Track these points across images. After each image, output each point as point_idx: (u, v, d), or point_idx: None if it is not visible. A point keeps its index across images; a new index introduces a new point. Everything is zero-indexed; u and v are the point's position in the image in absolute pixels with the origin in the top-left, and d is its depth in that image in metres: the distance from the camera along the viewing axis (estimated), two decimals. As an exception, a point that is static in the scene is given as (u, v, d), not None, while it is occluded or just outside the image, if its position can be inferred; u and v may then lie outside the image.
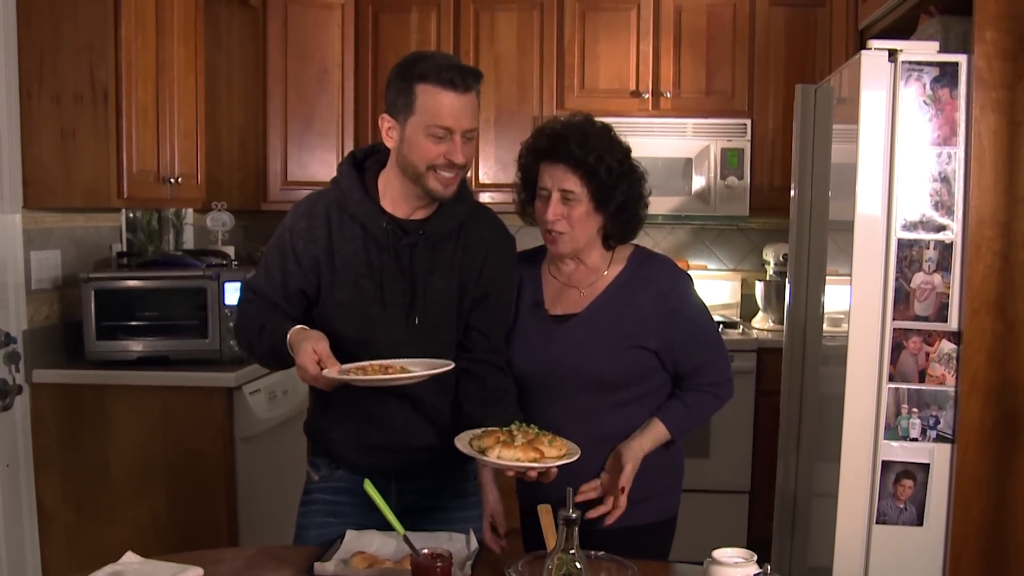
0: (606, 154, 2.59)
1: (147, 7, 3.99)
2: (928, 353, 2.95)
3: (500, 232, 2.68)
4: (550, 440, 2.31)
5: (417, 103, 2.43)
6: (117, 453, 3.96)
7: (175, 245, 5.22)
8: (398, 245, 2.53)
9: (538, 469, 2.29)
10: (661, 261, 2.76)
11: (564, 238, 2.62)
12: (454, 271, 2.57)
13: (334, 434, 2.66)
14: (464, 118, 2.43)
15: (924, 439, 2.98)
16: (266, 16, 5.38)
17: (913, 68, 2.91)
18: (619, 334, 2.62)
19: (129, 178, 3.89)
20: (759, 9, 5.44)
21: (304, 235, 2.56)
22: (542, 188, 2.63)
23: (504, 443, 2.29)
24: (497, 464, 2.29)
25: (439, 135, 2.42)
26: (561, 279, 2.74)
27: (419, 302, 2.54)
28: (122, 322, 4.07)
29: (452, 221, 2.58)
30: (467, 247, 2.59)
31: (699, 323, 2.70)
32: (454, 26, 5.58)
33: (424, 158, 2.44)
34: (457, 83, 2.40)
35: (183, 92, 4.32)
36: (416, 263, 2.54)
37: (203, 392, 3.95)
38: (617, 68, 5.53)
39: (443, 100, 2.41)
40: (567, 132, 2.61)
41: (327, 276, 2.55)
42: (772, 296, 5.49)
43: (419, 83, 2.42)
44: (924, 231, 2.94)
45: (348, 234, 2.55)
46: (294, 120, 5.50)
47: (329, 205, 2.57)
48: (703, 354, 2.68)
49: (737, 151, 5.40)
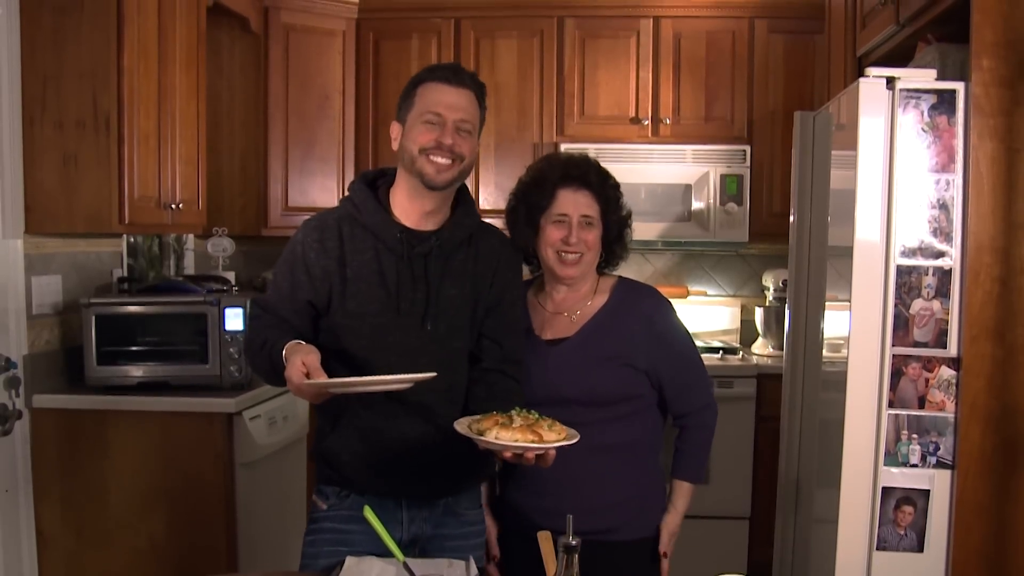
0: (615, 188, 2.85)
1: (149, 34, 4.01)
2: (928, 379, 2.95)
3: (508, 243, 2.79)
4: (549, 425, 2.34)
5: (415, 99, 2.59)
6: (117, 478, 3.95)
7: (176, 270, 5.23)
8: (412, 254, 2.59)
9: (535, 450, 2.29)
10: (647, 289, 2.93)
11: (581, 260, 2.78)
12: (466, 280, 2.64)
13: (345, 456, 2.64)
14: (456, 108, 2.57)
15: (924, 465, 2.97)
16: (267, 43, 5.39)
17: (911, 95, 2.92)
18: (611, 353, 2.75)
19: (130, 204, 3.90)
20: (758, 36, 5.46)
21: (316, 246, 2.60)
22: (561, 214, 2.77)
23: (502, 425, 2.31)
24: (494, 444, 2.29)
25: (432, 120, 2.55)
26: (550, 307, 2.87)
27: (432, 309, 2.59)
28: (123, 347, 4.06)
29: (463, 231, 2.66)
30: (479, 257, 2.68)
31: (682, 348, 2.88)
32: (454, 53, 5.60)
33: (417, 142, 2.55)
34: (450, 78, 2.58)
35: (184, 118, 4.34)
36: (430, 271, 2.60)
37: (203, 418, 3.94)
38: (617, 95, 5.55)
39: (436, 92, 2.57)
40: (587, 164, 2.83)
41: (338, 286, 2.59)
42: (772, 322, 5.48)
43: (419, 85, 2.60)
44: (923, 257, 2.94)
45: (360, 245, 2.60)
46: (295, 146, 5.51)
47: (341, 218, 2.63)
48: (686, 377, 2.85)
49: (736, 177, 5.41)
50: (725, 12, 5.48)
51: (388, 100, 5.56)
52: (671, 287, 5.84)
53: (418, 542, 2.68)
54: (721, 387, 5.10)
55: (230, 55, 5.37)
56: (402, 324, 2.57)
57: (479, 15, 5.60)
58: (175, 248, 5.24)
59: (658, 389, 2.82)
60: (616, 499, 2.76)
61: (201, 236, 5.17)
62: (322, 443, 2.70)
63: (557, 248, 2.77)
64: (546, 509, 2.69)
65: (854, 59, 3.93)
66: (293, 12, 5.44)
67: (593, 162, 2.85)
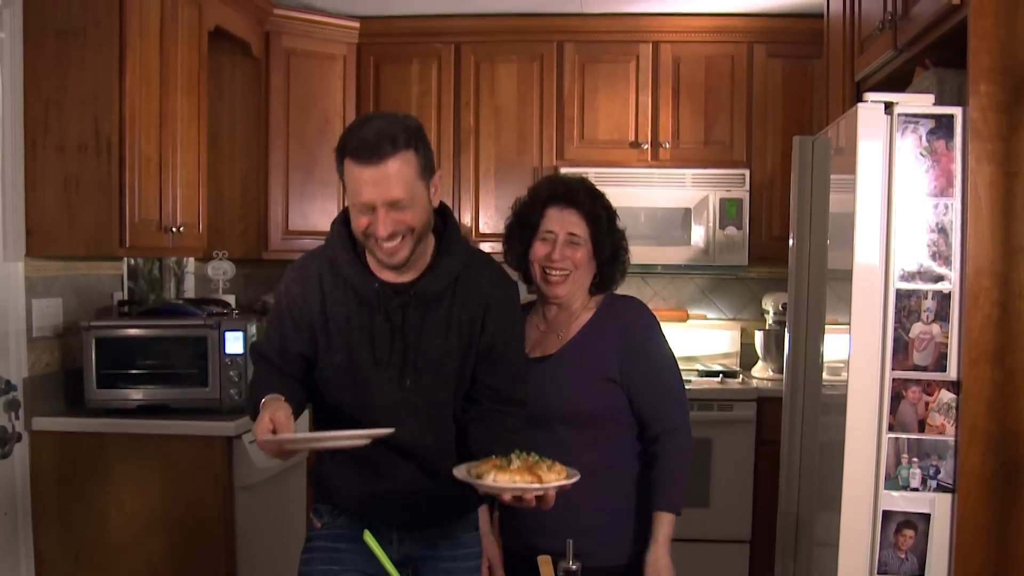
0: (606, 209, 2.87)
1: (151, 59, 4.03)
2: (927, 403, 2.94)
3: (499, 282, 2.66)
4: (549, 466, 2.31)
5: (345, 177, 2.42)
6: (116, 502, 3.94)
7: (176, 294, 5.24)
8: (389, 306, 2.52)
9: (534, 491, 2.27)
10: (629, 300, 2.94)
11: (568, 279, 2.81)
12: (452, 329, 2.55)
13: (338, 481, 2.65)
14: (383, 190, 2.36)
15: (925, 489, 2.96)
16: (268, 67, 5.41)
17: (909, 120, 2.92)
18: (590, 369, 2.78)
19: (131, 227, 3.91)
20: (757, 61, 5.49)
21: (298, 300, 2.56)
22: (548, 231, 2.81)
23: (500, 468, 2.29)
24: (492, 488, 2.27)
25: (364, 211, 2.40)
26: (542, 326, 2.91)
27: (412, 362, 2.52)
28: (122, 370, 4.06)
29: (445, 279, 2.55)
30: (466, 303, 2.57)
31: (659, 364, 2.86)
32: (454, 77, 5.62)
33: (359, 230, 2.44)
34: (369, 156, 2.35)
35: (186, 142, 4.36)
36: (408, 323, 2.52)
37: (203, 441, 3.94)
38: (616, 119, 5.57)
39: (358, 176, 2.38)
40: (576, 184, 2.87)
41: (323, 340, 2.55)
42: (771, 345, 5.49)
43: (344, 157, 2.40)
44: (922, 281, 2.94)
45: (340, 296, 2.54)
46: (295, 170, 5.52)
47: (322, 268, 2.57)
48: (660, 394, 2.83)
49: (736, 201, 5.42)
50: (724, 37, 5.51)
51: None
52: (671, 311, 5.85)
53: (410, 563, 2.68)
54: (721, 410, 5.11)
55: (231, 79, 5.38)
56: (383, 378, 2.53)
57: (479, 40, 5.63)
58: (175, 271, 5.24)
59: (630, 403, 2.81)
60: (590, 524, 2.75)
61: (201, 259, 5.19)
62: (320, 466, 2.72)
63: (542, 264, 2.82)
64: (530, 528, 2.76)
65: (852, 84, 3.94)
66: (294, 36, 5.46)
67: (584, 182, 2.90)
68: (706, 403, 5.15)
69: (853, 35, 3.92)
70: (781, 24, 5.47)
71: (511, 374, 2.64)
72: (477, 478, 2.29)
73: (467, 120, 5.64)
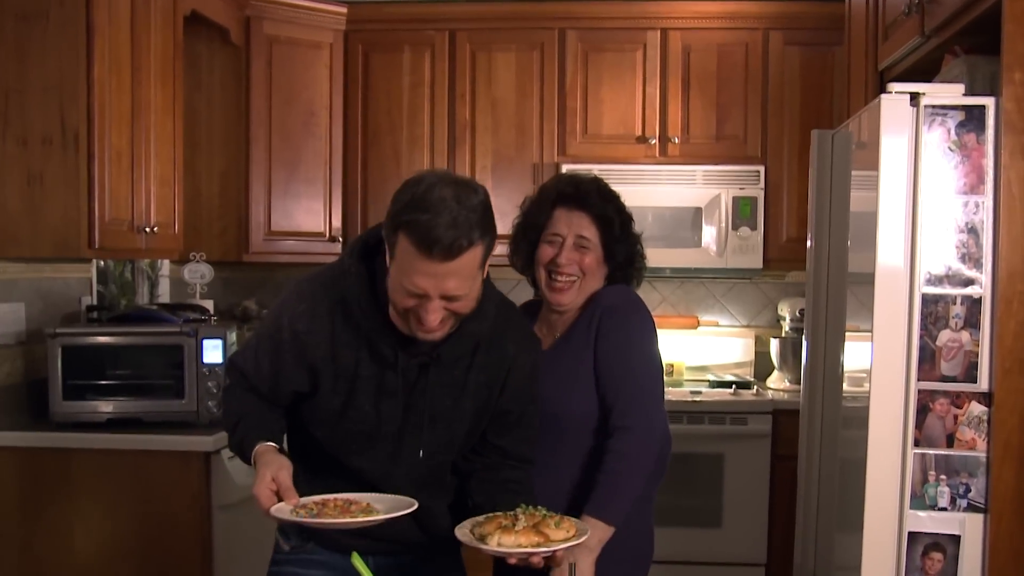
0: (619, 212, 2.85)
1: (122, 45, 4.01)
2: (956, 416, 2.92)
3: (524, 344, 2.59)
4: (557, 522, 2.29)
5: (398, 249, 2.25)
6: (83, 523, 3.92)
7: (150, 298, 5.23)
8: (406, 365, 2.43)
9: (542, 554, 2.25)
10: (614, 290, 2.89)
11: (574, 287, 2.80)
12: (467, 392, 2.49)
13: None
14: (444, 284, 2.23)
15: (954, 508, 2.94)
16: (249, 55, 5.39)
17: (937, 112, 2.90)
18: (573, 370, 2.77)
19: (101, 227, 3.89)
20: (773, 49, 5.47)
21: (303, 338, 2.44)
22: (555, 234, 2.81)
23: (505, 528, 2.25)
24: (497, 552, 2.25)
25: (412, 295, 2.26)
26: (546, 325, 2.92)
27: (417, 423, 2.46)
28: (91, 381, 4.05)
29: (470, 342, 2.45)
30: (486, 366, 2.50)
31: (627, 350, 2.78)
32: (449, 67, 5.61)
33: (400, 306, 2.31)
34: (438, 252, 2.18)
35: (160, 136, 4.34)
36: (421, 382, 2.45)
37: (178, 457, 3.93)
38: (622, 112, 5.55)
39: (418, 264, 2.21)
40: (588, 184, 2.85)
41: (326, 384, 2.45)
42: (788, 354, 5.48)
43: (402, 230, 2.22)
44: (950, 285, 2.91)
45: (352, 340, 2.43)
46: (279, 166, 5.50)
47: (334, 307, 2.43)
48: (624, 386, 2.74)
49: (750, 200, 5.41)
50: (738, 23, 5.49)
51: (378, 117, 5.57)
52: (680, 317, 5.83)
53: None
54: (734, 424, 5.09)
55: (209, 68, 5.37)
56: (382, 437, 2.48)
57: (475, 27, 5.61)
58: (149, 274, 5.23)
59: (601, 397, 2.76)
60: None
61: (177, 262, 5.17)
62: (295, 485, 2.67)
63: (548, 268, 2.81)
64: None
65: (875, 73, 3.92)
66: (277, 23, 5.44)
67: (597, 182, 2.88)
68: (718, 416, 5.14)
69: (876, 20, 3.90)
70: (799, 9, 5.46)
71: (524, 437, 2.62)
72: (480, 539, 2.26)
73: (462, 113, 5.62)
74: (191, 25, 4.74)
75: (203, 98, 5.35)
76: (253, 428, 2.45)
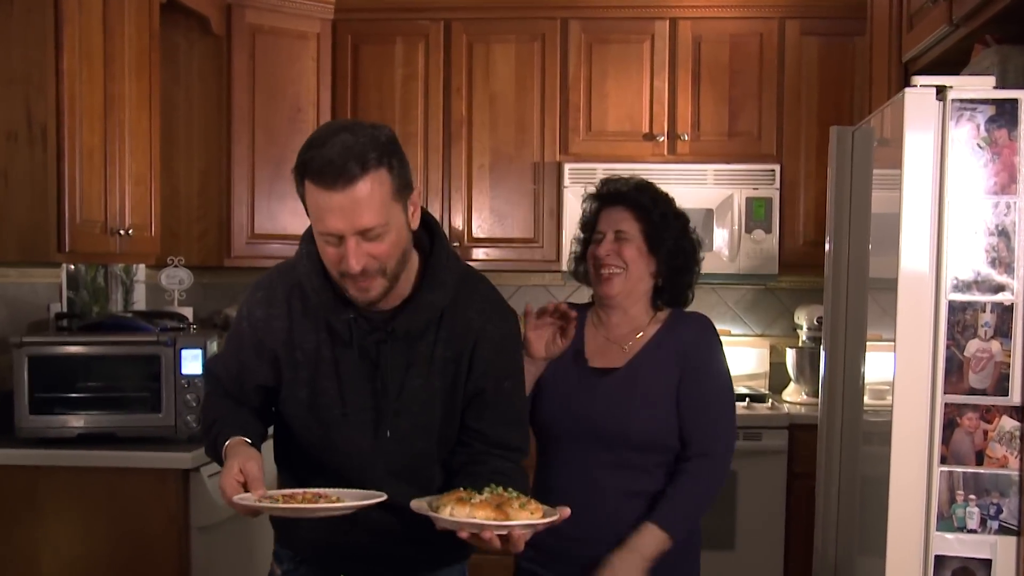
0: (661, 203, 3.07)
1: (93, 34, 4.01)
2: (986, 431, 2.91)
3: (490, 314, 2.58)
4: (523, 504, 2.24)
5: (307, 202, 2.33)
6: (52, 546, 3.91)
7: (124, 305, 5.23)
8: (364, 341, 2.46)
9: (493, 528, 2.19)
10: (695, 317, 3.14)
11: (618, 277, 3.00)
12: (435, 369, 2.49)
13: (303, 528, 2.61)
14: (352, 218, 2.27)
15: (984, 531, 2.93)
16: (231, 47, 5.39)
17: (965, 106, 2.89)
18: (656, 392, 2.95)
19: (72, 229, 3.89)
20: (789, 39, 5.47)
21: (261, 326, 2.52)
22: (598, 232, 3.05)
23: (462, 501, 2.23)
24: (448, 523, 2.21)
25: (331, 241, 2.31)
26: (603, 332, 3.09)
27: (388, 407, 2.48)
28: (60, 394, 4.04)
29: (428, 313, 2.48)
30: (451, 340, 2.51)
31: (715, 384, 3.04)
32: (444, 59, 5.61)
33: (327, 261, 2.36)
34: (334, 180, 2.25)
35: (135, 131, 4.35)
36: (385, 361, 2.47)
37: (155, 474, 3.92)
38: (628, 108, 5.55)
39: (321, 202, 2.27)
40: (624, 181, 3.10)
41: (289, 372, 2.51)
42: (805, 365, 5.48)
43: (305, 178, 2.30)
44: (979, 292, 2.90)
45: (311, 324, 2.49)
46: (262, 165, 5.50)
47: (291, 292, 2.51)
48: (708, 418, 2.98)
49: (764, 201, 5.40)
50: (752, 12, 5.49)
51: (369, 112, 5.56)
52: (690, 325, 5.81)
53: None
54: (748, 439, 5.08)
55: (188, 59, 5.38)
56: (353, 422, 2.49)
57: (472, 16, 5.62)
58: (123, 280, 5.24)
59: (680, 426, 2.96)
60: None
61: (154, 266, 5.18)
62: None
63: (595, 264, 3.03)
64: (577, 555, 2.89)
65: (899, 65, 3.92)
66: (260, 11, 5.45)
67: (635, 178, 3.12)
68: (731, 431, 5.10)
69: (901, 8, 3.91)
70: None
71: (504, 419, 2.59)
72: (435, 511, 2.24)
73: (458, 109, 5.62)
74: (168, 13, 4.74)
75: (181, 92, 5.36)
76: (226, 426, 2.48)
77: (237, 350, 2.57)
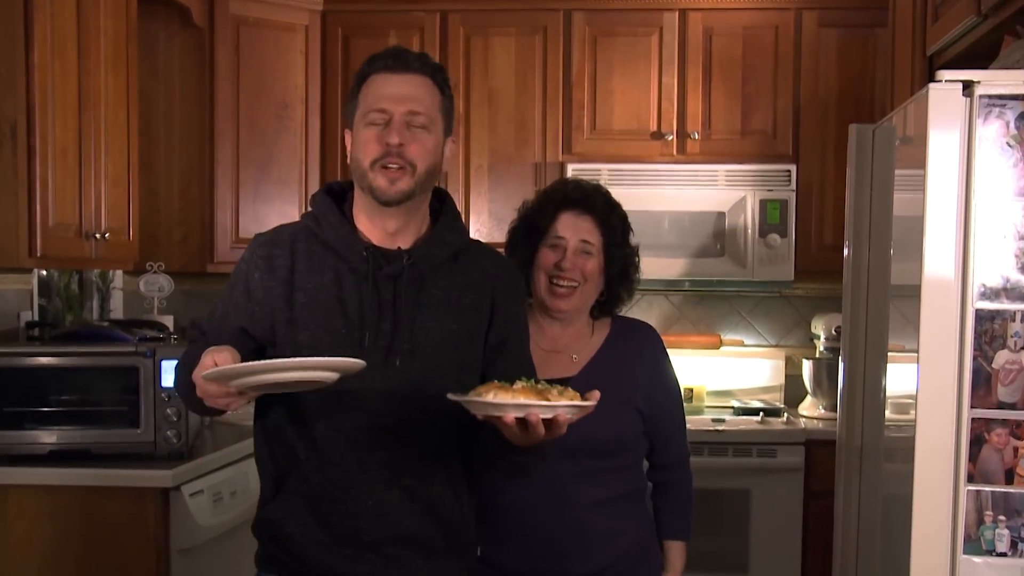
0: (622, 220, 3.12)
1: (67, 26, 4.02)
2: (1016, 448, 2.91)
3: (504, 266, 2.76)
4: (560, 391, 2.34)
5: (360, 96, 2.58)
6: (20, 568, 3.89)
7: (100, 314, 5.24)
8: (379, 275, 2.54)
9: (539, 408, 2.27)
10: (640, 322, 3.29)
11: (575, 293, 3.02)
12: (450, 313, 2.58)
13: (290, 527, 2.57)
14: (403, 99, 2.53)
15: (1015, 554, 2.93)
16: (214, 39, 5.40)
17: (994, 103, 2.89)
18: (616, 396, 2.91)
19: (43, 232, 3.90)
20: (806, 32, 5.47)
21: (261, 263, 2.60)
22: (558, 237, 3.02)
23: (503, 388, 2.31)
24: (491, 405, 2.27)
25: (376, 121, 2.53)
26: (544, 344, 3.07)
27: (403, 344, 2.53)
28: (31, 408, 4.01)
29: (444, 250, 2.62)
30: (468, 287, 2.63)
31: (675, 389, 3.22)
32: (440, 53, 5.60)
33: (366, 151, 2.54)
34: (392, 64, 2.56)
35: (111, 129, 4.36)
36: (401, 297, 2.54)
37: (133, 493, 3.89)
38: (635, 105, 5.56)
39: (379, 84, 2.55)
40: (594, 190, 3.10)
41: (283, 314, 2.55)
42: (823, 377, 5.47)
43: (363, 81, 2.59)
44: (1008, 300, 2.90)
45: (318, 264, 2.58)
46: (248, 165, 5.50)
47: (297, 234, 2.63)
48: (672, 425, 3.20)
49: (779, 203, 5.41)
50: (766, 3, 5.50)
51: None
52: (701, 336, 5.83)
53: None
54: (762, 456, 5.09)
55: (168, 53, 5.38)
56: (367, 359, 2.46)
57: (470, 7, 5.63)
58: (99, 287, 5.24)
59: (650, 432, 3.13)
60: (620, 551, 3.05)
61: (132, 272, 5.19)
62: (263, 511, 2.64)
63: (550, 273, 3.02)
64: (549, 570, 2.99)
65: (923, 59, 3.93)
66: (245, 2, 5.45)
67: (602, 189, 3.13)
68: (743, 447, 5.14)
69: (924, -1, 3.91)
70: (835, -14, 5.47)
71: (528, 372, 2.62)
72: None
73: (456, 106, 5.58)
74: (146, 3, 4.75)
75: (161, 87, 5.37)
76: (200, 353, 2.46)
77: (229, 293, 2.66)
